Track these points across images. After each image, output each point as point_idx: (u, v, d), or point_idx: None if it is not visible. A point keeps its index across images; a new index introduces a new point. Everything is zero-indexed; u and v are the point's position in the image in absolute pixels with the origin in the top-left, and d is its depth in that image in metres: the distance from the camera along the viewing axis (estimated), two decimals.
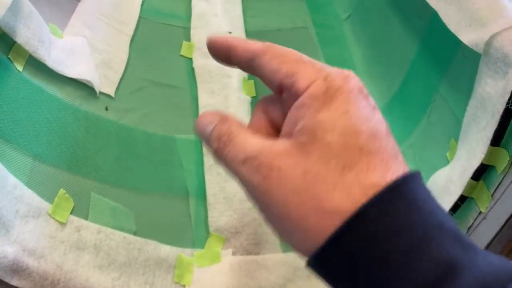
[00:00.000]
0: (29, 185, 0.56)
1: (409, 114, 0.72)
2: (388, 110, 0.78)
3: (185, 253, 0.67)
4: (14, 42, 0.61)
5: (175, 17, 1.02)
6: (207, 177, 0.74)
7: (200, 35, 0.97)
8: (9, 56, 0.61)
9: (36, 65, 0.65)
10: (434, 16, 0.65)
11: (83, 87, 0.72)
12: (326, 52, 0.97)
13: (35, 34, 0.64)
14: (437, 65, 0.66)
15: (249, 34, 1.00)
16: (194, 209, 0.71)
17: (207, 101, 0.84)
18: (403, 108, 0.75)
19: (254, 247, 0.69)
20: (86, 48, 0.76)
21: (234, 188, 0.73)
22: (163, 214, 0.69)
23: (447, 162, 0.60)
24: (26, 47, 0.63)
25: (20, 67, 0.62)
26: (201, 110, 0.82)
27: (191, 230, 0.70)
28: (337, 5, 1.06)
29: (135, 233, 0.64)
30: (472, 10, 0.54)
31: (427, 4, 0.64)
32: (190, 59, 0.92)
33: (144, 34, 0.93)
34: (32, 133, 0.60)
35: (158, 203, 0.70)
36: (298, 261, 0.67)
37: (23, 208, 0.53)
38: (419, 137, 0.68)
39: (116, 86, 0.78)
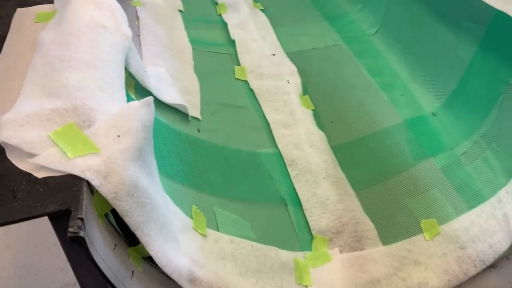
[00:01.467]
0: (174, 202, 0.59)
1: (475, 107, 0.80)
2: (448, 107, 0.86)
3: (298, 256, 0.71)
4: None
5: (219, 45, 1.07)
6: (296, 185, 0.79)
7: (247, 59, 1.03)
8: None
9: (142, 93, 0.69)
10: (495, 19, 0.74)
11: (177, 111, 0.76)
12: (364, 63, 1.04)
13: (140, 65, 0.68)
14: (503, 60, 0.75)
15: (289, 55, 1.07)
16: (293, 215, 0.76)
17: (275, 118, 0.89)
18: (466, 103, 0.83)
19: (357, 244, 0.74)
20: (168, 77, 0.81)
21: (324, 193, 0.78)
22: (268, 222, 0.73)
23: None
24: (136, 77, 0.66)
25: (132, 95, 0.66)
26: (273, 126, 0.88)
27: (296, 234, 0.74)
28: (361, 22, 1.15)
29: (257, 241, 0.68)
30: None
31: (485, 10, 0.74)
32: (245, 81, 0.98)
33: (199, 62, 0.98)
34: (158, 155, 0.64)
35: (262, 212, 0.74)
36: (401, 251, 0.72)
37: (179, 223, 0.56)
38: (492, 126, 0.76)
39: (199, 109, 0.82)
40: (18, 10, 0.61)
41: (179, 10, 1.18)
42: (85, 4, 0.60)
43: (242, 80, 0.98)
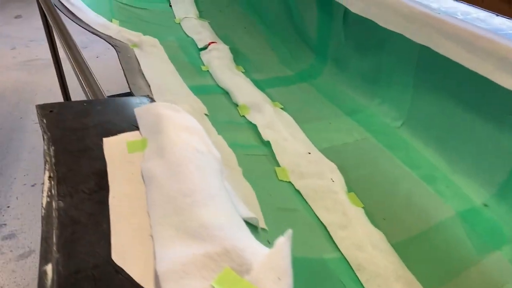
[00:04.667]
0: None
1: None
2: (500, 198, 0.87)
3: None
4: None
5: (254, 147, 1.08)
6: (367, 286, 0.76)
7: (285, 160, 1.03)
8: None
9: None
10: None
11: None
12: (398, 156, 1.06)
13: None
14: None
15: (323, 150, 1.08)
16: None
17: (329, 219, 0.88)
18: None
19: None
20: (230, 187, 0.79)
21: None
22: None
23: None
24: None
25: None
26: (329, 228, 0.86)
27: None
28: (382, 116, 1.19)
29: None
30: None
31: None
32: (289, 182, 0.97)
33: (242, 167, 0.97)
34: None
35: None
36: None
37: None
38: None
39: (263, 219, 0.80)
40: (105, 140, 0.59)
41: (205, 114, 1.19)
42: (179, 132, 0.60)
43: (285, 181, 0.97)
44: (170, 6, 2.04)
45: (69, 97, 1.76)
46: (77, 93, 3.20)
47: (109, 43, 1.57)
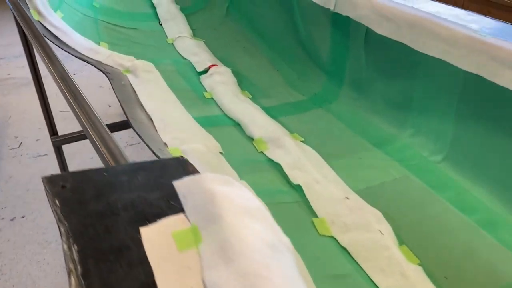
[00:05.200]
0: None
1: None
2: None
3: None
4: None
5: (282, 192, 0.94)
6: None
7: (321, 208, 0.90)
8: None
9: None
10: None
11: None
12: (446, 197, 0.94)
13: None
14: None
15: (360, 193, 0.95)
16: None
17: (386, 283, 0.75)
18: None
19: None
20: None
21: None
22: None
23: None
24: None
25: None
26: None
27: None
28: (417, 148, 1.07)
29: None
30: None
31: None
32: (332, 237, 0.84)
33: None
34: None
35: None
36: None
37: None
38: None
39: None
40: (143, 232, 0.44)
41: (220, 152, 1.06)
42: (242, 219, 0.46)
43: (328, 236, 0.84)
44: (160, 24, 1.89)
45: (54, 124, 1.59)
46: (60, 117, 3.01)
47: (100, 70, 1.41)
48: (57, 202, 0.49)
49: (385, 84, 1.17)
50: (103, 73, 1.41)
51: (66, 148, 1.82)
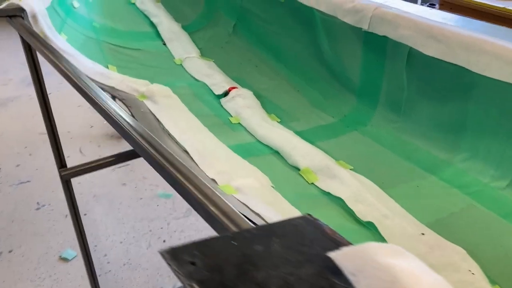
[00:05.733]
0: None
1: None
2: None
3: None
4: None
5: (353, 231, 0.87)
6: None
7: (398, 244, 0.83)
8: None
9: None
10: None
11: None
12: None
13: None
14: None
15: (432, 227, 0.89)
16: None
17: None
18: None
19: None
20: None
21: None
22: None
23: None
24: None
25: None
26: None
27: None
28: (475, 174, 1.02)
29: None
30: None
31: None
32: None
33: None
34: None
35: None
36: None
37: None
38: None
39: None
40: None
41: (271, 186, 0.98)
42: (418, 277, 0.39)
43: None
44: (164, 44, 1.80)
45: (62, 154, 1.47)
46: (40, 140, 2.84)
47: (115, 97, 1.31)
48: (194, 286, 0.40)
49: (432, 106, 1.12)
50: (119, 100, 1.31)
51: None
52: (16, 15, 1.23)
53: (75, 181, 2.79)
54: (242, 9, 1.77)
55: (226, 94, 1.45)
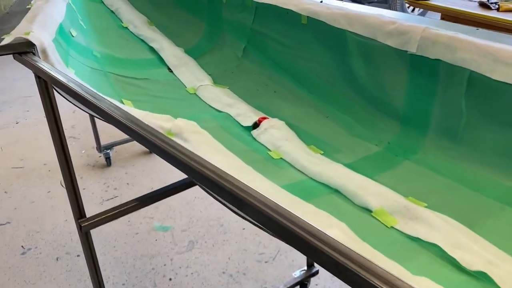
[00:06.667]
0: None
1: None
2: None
3: None
4: None
5: (463, 283, 0.78)
6: None
7: None
8: None
9: None
10: None
11: None
12: None
13: None
14: None
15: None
16: None
17: None
18: None
19: None
20: None
21: None
22: None
23: None
24: None
25: None
26: None
27: None
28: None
29: None
30: None
31: None
32: None
33: None
34: None
35: None
36: None
37: None
38: None
39: None
40: None
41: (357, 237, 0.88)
42: None
43: None
44: (170, 71, 1.68)
45: (81, 204, 1.30)
46: (13, 175, 2.62)
47: None
48: None
49: (497, 132, 1.06)
50: None
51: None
52: (26, 52, 1.08)
53: (58, 218, 2.58)
54: (253, 31, 1.67)
55: (255, 125, 1.34)
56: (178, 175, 1.43)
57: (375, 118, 1.32)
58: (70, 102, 1.17)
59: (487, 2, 2.23)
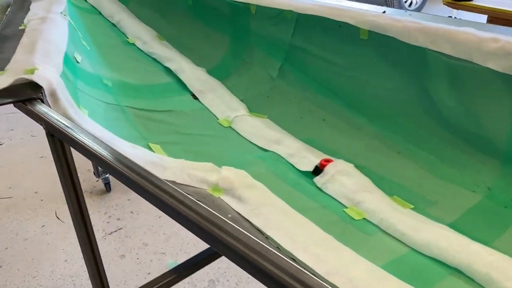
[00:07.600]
0: None
1: None
2: None
3: None
4: None
5: None
6: None
7: None
8: None
9: None
10: None
11: None
12: None
13: None
14: None
15: None
16: None
17: None
18: None
19: None
20: None
21: None
22: None
23: None
24: None
25: None
26: None
27: None
28: None
29: None
30: None
31: None
32: None
33: None
34: None
35: None
36: None
37: None
38: None
39: None
40: None
41: None
42: None
43: None
44: (195, 98, 1.40)
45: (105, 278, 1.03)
46: None
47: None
48: None
49: None
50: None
51: None
52: (33, 98, 0.80)
53: (56, 259, 2.28)
54: (291, 47, 1.41)
55: (316, 169, 1.08)
56: None
57: (465, 155, 1.07)
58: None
59: None
